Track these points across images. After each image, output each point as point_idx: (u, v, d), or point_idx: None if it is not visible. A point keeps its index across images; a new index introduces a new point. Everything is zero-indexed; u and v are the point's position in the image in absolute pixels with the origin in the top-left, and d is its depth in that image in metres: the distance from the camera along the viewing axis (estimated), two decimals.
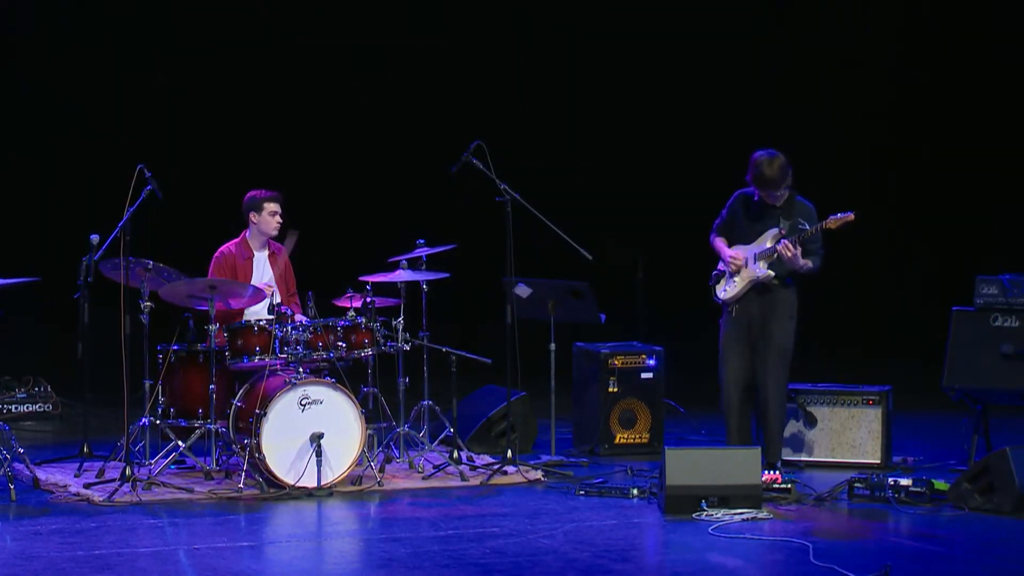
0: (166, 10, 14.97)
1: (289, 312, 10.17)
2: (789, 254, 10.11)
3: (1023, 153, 15.68)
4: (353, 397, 9.91)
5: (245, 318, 10.38)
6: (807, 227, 10.17)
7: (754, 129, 12.47)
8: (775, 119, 14.75)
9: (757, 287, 10.30)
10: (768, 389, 10.27)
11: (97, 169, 13.59)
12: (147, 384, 10.18)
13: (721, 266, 10.49)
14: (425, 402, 10.65)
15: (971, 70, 16.05)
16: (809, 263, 10.21)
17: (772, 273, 10.25)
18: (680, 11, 15.79)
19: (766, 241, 10.28)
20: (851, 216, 10.04)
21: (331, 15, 15.47)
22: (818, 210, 10.30)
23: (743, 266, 10.30)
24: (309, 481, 9.69)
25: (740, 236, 10.41)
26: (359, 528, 9.09)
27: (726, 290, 10.41)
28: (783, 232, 10.21)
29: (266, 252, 10.74)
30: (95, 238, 10.27)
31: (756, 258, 10.28)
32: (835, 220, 10.08)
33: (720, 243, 10.50)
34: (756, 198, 10.35)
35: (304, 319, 10.16)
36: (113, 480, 9.71)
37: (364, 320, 10.19)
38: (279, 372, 10.04)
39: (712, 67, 15.92)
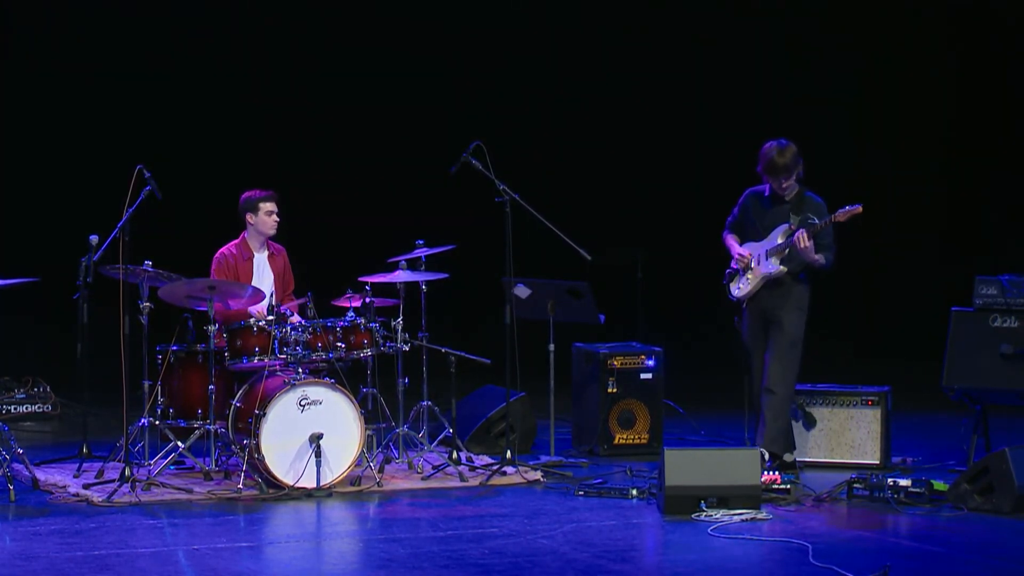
0: (166, 10, 14.97)
1: (288, 312, 10.17)
2: (803, 245, 10.13)
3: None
4: (352, 397, 9.91)
5: (245, 319, 10.39)
6: (816, 222, 10.19)
7: (756, 128, 12.45)
8: (776, 118, 14.73)
9: (769, 283, 10.32)
10: (774, 378, 10.26)
11: (97, 169, 13.58)
12: (146, 384, 10.18)
13: (734, 263, 10.51)
14: (424, 402, 10.64)
15: (973, 70, 16.06)
16: (821, 258, 10.24)
17: (784, 269, 10.28)
18: (679, 8, 15.79)
19: (777, 237, 10.31)
20: (859, 209, 10.08)
21: (330, 14, 15.46)
22: (828, 205, 10.31)
23: (751, 264, 10.32)
24: (308, 482, 9.68)
25: (752, 233, 10.44)
26: (358, 528, 9.09)
27: (739, 287, 10.44)
28: (793, 227, 10.23)
29: (266, 253, 10.74)
30: (94, 238, 10.27)
31: (768, 255, 10.30)
32: (844, 213, 10.11)
33: (731, 240, 10.53)
34: (767, 193, 10.38)
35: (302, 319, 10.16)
36: (112, 481, 9.71)
37: (363, 321, 10.19)
38: (278, 373, 10.04)
39: (712, 65, 15.92)
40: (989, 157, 15.98)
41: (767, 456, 10.01)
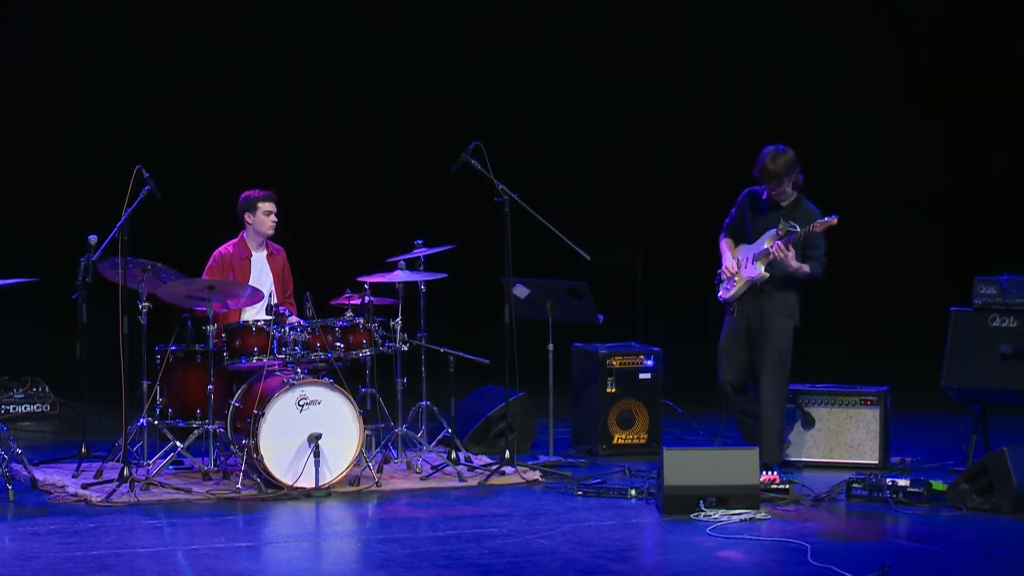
0: (165, 10, 14.97)
1: (286, 311, 10.17)
2: (781, 255, 10.12)
3: (1023, 152, 15.70)
4: (351, 397, 9.90)
5: (243, 319, 10.40)
6: (797, 229, 10.16)
7: (754, 127, 12.46)
8: (775, 117, 14.74)
9: (756, 287, 10.30)
10: (765, 389, 10.27)
11: (96, 169, 13.58)
12: (145, 384, 10.18)
13: None
14: (423, 402, 10.64)
15: (973, 70, 16.06)
16: (806, 268, 10.20)
17: (768, 274, 10.25)
18: (678, 7, 15.79)
19: (764, 242, 10.29)
20: (834, 220, 10.06)
21: (329, 14, 15.46)
22: (823, 212, 10.29)
23: (736, 272, 10.33)
24: (307, 481, 9.68)
25: (746, 234, 10.42)
26: (357, 528, 9.09)
27: (726, 289, 10.43)
28: (780, 234, 10.22)
29: (264, 252, 10.74)
30: (93, 238, 10.27)
31: (754, 258, 10.29)
32: (820, 224, 10.09)
33: (724, 245, 10.51)
34: (764, 196, 10.37)
35: (300, 319, 10.15)
36: (111, 480, 9.70)
37: (362, 320, 10.18)
38: (277, 373, 10.04)
39: (711, 64, 15.92)
40: (989, 155, 15.99)
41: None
